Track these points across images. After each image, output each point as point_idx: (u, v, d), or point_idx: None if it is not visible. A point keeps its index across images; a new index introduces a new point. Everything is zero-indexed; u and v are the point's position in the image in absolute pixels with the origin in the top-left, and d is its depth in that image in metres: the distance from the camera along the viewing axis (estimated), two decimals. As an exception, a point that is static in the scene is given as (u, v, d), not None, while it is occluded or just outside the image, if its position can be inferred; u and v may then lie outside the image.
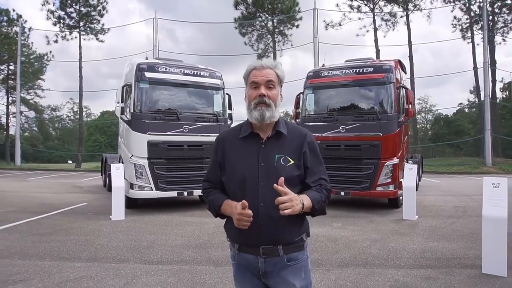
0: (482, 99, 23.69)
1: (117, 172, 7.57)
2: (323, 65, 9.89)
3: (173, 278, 4.15)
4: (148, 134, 8.02)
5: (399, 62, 9.31)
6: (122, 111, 8.42)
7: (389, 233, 6.36)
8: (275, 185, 1.52)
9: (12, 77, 33.83)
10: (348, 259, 4.90)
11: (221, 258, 4.91)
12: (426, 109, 56.12)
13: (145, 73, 8.19)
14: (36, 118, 40.25)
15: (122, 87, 8.46)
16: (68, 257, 4.92)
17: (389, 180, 8.10)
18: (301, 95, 9.44)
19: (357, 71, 8.53)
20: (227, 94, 9.37)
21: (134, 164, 7.98)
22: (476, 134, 28.54)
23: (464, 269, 4.51)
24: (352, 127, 8.36)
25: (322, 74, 9.04)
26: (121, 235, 6.19)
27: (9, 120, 34.80)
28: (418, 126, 60.46)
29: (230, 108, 9.48)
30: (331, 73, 8.90)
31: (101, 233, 6.29)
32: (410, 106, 8.37)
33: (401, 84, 8.46)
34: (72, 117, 64.57)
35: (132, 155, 8.08)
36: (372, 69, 8.41)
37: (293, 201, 1.52)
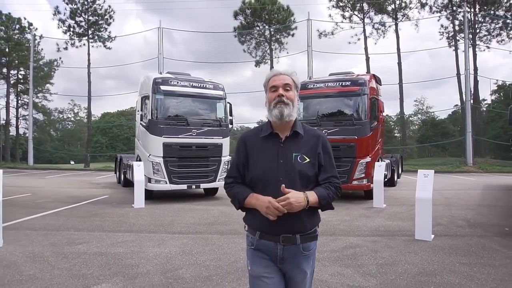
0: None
1: (139, 168, 9.21)
2: (310, 77, 11.57)
3: (192, 242, 5.80)
4: (163, 137, 9.66)
5: (374, 76, 10.99)
6: (141, 117, 10.10)
7: (357, 216, 8.02)
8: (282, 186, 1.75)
9: (22, 81, 35.47)
10: (320, 231, 6.51)
11: (225, 231, 6.55)
12: (423, 111, 57.90)
13: (160, 86, 9.85)
14: (44, 121, 41.86)
15: (141, 98, 10.14)
16: (111, 230, 6.58)
17: (363, 175, 9.77)
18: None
19: (337, 84, 10.21)
20: (228, 103, 11.02)
21: (152, 162, 9.63)
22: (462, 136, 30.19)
23: (403, 236, 6.16)
24: (333, 131, 10.00)
25: (309, 86, 10.71)
26: (145, 217, 7.84)
27: (19, 123, 36.40)
28: (414, 128, 62.31)
29: (231, 115, 11.13)
30: (316, 85, 10.57)
31: (129, 216, 7.94)
32: (380, 114, 10.04)
33: (373, 96, 10.11)
34: (72, 119, 65.73)
35: (150, 154, 9.73)
36: (350, 82, 10.09)
37: (292, 204, 1.73)
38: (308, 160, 1.87)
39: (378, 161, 10.47)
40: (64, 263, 4.67)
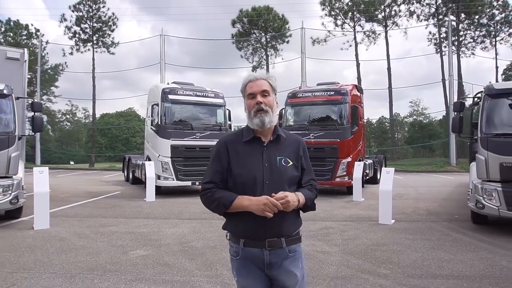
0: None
1: (150, 167, 10.64)
2: (300, 87, 13.03)
3: (199, 225, 7.23)
4: (171, 139, 11.10)
5: (355, 86, 12.48)
6: (152, 123, 11.54)
7: (337, 207, 9.47)
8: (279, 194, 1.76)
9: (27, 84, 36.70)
10: (302, 217, 7.98)
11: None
12: (418, 112, 59.63)
13: (168, 95, 11.28)
14: (48, 121, 43.12)
15: (152, 105, 11.58)
16: (132, 217, 8.01)
17: (345, 173, 11.24)
18: (283, 110, 12.57)
19: (322, 94, 11.69)
20: (227, 109, 12.49)
21: (161, 161, 11.06)
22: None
23: (369, 221, 7.62)
24: (318, 134, 11.47)
25: (298, 95, 12.18)
26: (158, 208, 9.27)
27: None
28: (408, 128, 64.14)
29: (229, 120, 12.60)
30: (304, 94, 12.05)
31: (144, 207, 9.37)
32: (361, 120, 11.52)
33: (354, 104, 11.58)
34: (70, 119, 66.73)
35: (159, 155, 11.16)
36: (333, 92, 11.56)
37: (290, 202, 1.75)
38: (291, 163, 1.91)
39: (360, 161, 11.93)
40: (103, 238, 6.11)
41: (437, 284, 4.10)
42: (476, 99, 7.55)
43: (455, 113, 7.34)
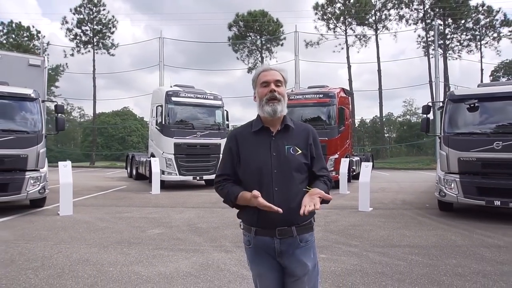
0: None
1: (155, 163, 11.70)
2: (292, 90, 14.16)
3: (203, 212, 8.31)
4: (174, 138, 12.16)
5: (343, 89, 13.62)
6: (156, 122, 12.60)
7: (324, 199, 10.59)
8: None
9: (27, 84, 37.43)
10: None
11: (226, 206, 8.95)
12: (411, 112, 61.05)
13: (172, 97, 12.34)
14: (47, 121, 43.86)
15: (156, 107, 12.64)
16: (142, 206, 9.07)
17: (332, 169, 12.37)
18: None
19: (312, 96, 12.82)
20: (225, 110, 13.56)
21: (165, 158, 12.12)
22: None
23: (350, 209, 8.74)
24: (309, 133, 12.58)
25: (290, 98, 13.26)
26: (164, 199, 10.34)
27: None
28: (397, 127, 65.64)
29: (227, 120, 13.68)
30: (296, 97, 13.16)
31: (151, 199, 10.43)
32: (347, 120, 12.67)
33: (341, 106, 12.72)
34: (66, 118, 67.06)
35: (163, 152, 12.22)
36: (322, 95, 12.69)
37: (313, 201, 1.72)
38: (300, 151, 1.91)
39: (347, 157, 13.07)
40: (122, 222, 7.18)
41: (394, 251, 5.23)
42: (441, 103, 8.70)
43: (424, 115, 8.48)
